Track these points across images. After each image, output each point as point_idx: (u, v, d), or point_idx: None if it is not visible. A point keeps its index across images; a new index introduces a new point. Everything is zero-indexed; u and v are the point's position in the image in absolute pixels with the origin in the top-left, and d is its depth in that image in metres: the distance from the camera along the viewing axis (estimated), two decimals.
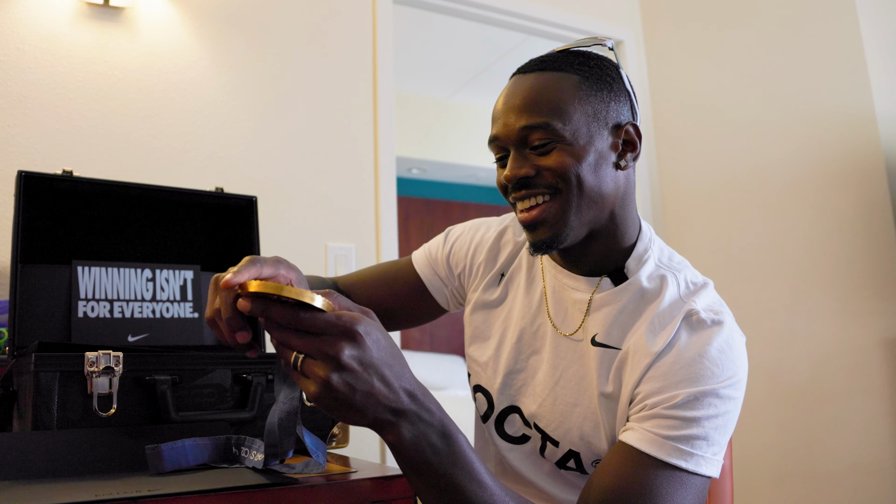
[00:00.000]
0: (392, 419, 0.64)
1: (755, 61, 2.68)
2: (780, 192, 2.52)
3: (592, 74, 0.89)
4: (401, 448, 0.65)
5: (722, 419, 0.81)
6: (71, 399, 0.83)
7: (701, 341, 0.84)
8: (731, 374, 0.83)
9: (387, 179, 2.44)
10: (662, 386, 0.82)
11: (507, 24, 2.81)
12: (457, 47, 4.32)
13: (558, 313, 0.97)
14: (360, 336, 0.62)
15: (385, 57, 2.50)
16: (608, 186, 0.89)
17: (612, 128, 0.89)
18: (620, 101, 0.91)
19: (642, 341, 0.86)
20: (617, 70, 0.92)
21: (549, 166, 0.86)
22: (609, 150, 0.89)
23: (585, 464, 0.94)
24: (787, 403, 2.43)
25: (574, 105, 0.87)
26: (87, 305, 1.14)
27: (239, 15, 2.26)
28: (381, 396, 0.62)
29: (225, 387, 0.94)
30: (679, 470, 0.78)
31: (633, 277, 0.92)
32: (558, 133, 0.85)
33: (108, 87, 2.05)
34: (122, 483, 0.69)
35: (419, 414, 0.65)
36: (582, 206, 0.87)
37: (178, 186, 1.32)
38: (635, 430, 0.81)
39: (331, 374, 0.60)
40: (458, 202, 6.15)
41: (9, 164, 1.87)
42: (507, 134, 0.88)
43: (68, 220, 1.21)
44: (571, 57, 0.91)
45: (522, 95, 0.88)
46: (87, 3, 2.03)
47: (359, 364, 0.61)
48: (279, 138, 2.27)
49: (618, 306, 0.91)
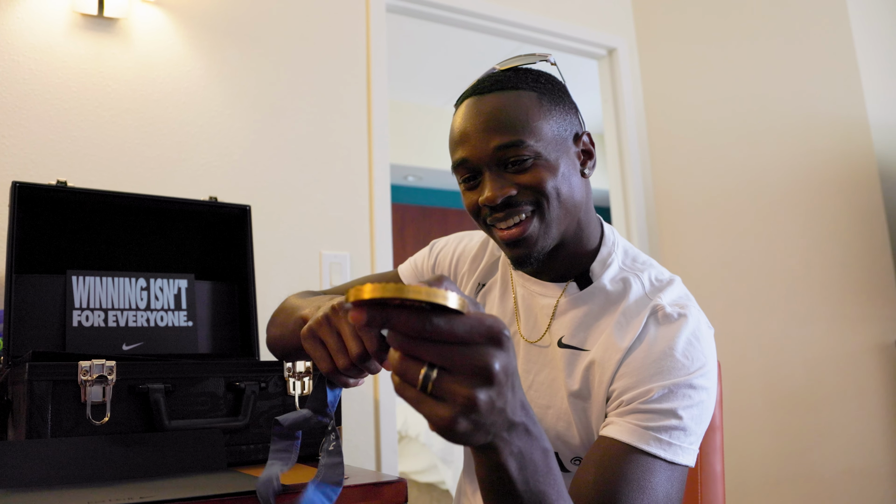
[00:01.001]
0: (505, 435, 0.54)
1: (748, 69, 2.70)
2: (774, 199, 2.54)
3: (547, 90, 0.92)
4: (502, 468, 0.56)
5: (697, 409, 0.84)
6: (65, 408, 0.84)
7: (669, 334, 0.87)
8: (700, 364, 0.85)
9: (381, 187, 2.45)
10: (636, 381, 0.85)
11: (501, 32, 2.83)
12: (451, 55, 4.35)
13: (528, 321, 1.01)
14: (506, 340, 0.50)
15: (379, 65, 2.51)
16: (579, 195, 0.92)
17: (573, 138, 0.93)
18: (573, 113, 0.95)
19: (611, 339, 0.89)
20: (563, 83, 0.97)
21: (528, 183, 0.88)
22: (575, 160, 0.93)
23: (565, 462, 0.96)
24: (781, 409, 2.44)
25: (540, 121, 0.89)
26: (82, 315, 1.15)
27: (233, 25, 2.27)
28: (510, 411, 0.52)
29: (218, 395, 0.95)
30: (658, 459, 0.80)
31: (597, 281, 0.95)
32: (533, 149, 0.87)
33: (102, 98, 2.06)
34: (114, 490, 0.70)
35: (528, 427, 0.56)
36: (562, 217, 0.90)
37: (172, 196, 1.33)
38: (616, 424, 0.84)
39: (478, 390, 0.49)
40: (453, 209, 6.17)
41: (3, 174, 1.88)
42: (479, 155, 0.89)
43: (63, 230, 1.22)
44: (523, 74, 0.93)
45: (487, 116, 0.89)
46: (82, 14, 2.04)
47: (505, 375, 0.50)
48: (273, 147, 2.28)
49: (583, 309, 0.94)
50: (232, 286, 1.31)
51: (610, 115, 3.09)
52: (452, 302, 0.47)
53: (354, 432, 2.16)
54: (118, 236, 1.26)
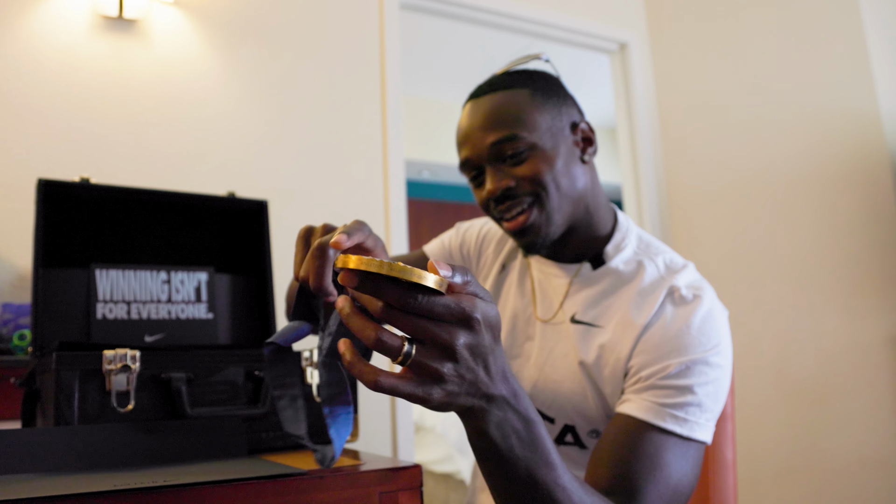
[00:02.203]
0: (484, 405, 0.60)
1: (760, 61, 2.69)
2: (786, 190, 2.54)
3: (540, 86, 0.98)
4: (484, 434, 0.62)
5: (713, 386, 0.87)
6: (90, 396, 0.86)
7: (685, 314, 0.90)
8: (716, 342, 0.89)
9: (396, 182, 2.47)
10: (654, 358, 0.88)
11: (514, 27, 2.84)
12: (465, 51, 4.36)
13: (543, 301, 1.05)
14: (476, 323, 0.56)
15: (393, 62, 2.53)
16: (580, 182, 0.98)
17: (570, 127, 0.98)
18: (568, 104, 1.00)
19: (627, 317, 0.93)
20: (557, 79, 1.02)
21: (525, 175, 0.94)
22: (573, 148, 0.98)
23: (582, 435, 0.99)
24: (793, 400, 2.44)
25: (533, 114, 0.95)
26: (106, 307, 1.18)
27: (249, 24, 2.30)
28: (482, 384, 0.58)
29: (238, 384, 0.97)
30: (674, 435, 0.83)
31: (610, 262, 0.99)
32: (527, 141, 0.93)
33: (123, 97, 2.10)
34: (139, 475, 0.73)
35: (508, 399, 0.61)
36: (562, 205, 0.95)
37: (191, 191, 1.36)
38: (633, 401, 0.87)
39: (444, 364, 0.55)
40: (468, 204, 6.18)
41: (29, 171, 1.92)
42: (478, 153, 0.96)
43: (87, 226, 1.25)
44: (515, 75, 0.99)
45: (483, 115, 0.96)
46: (102, 16, 2.08)
47: (470, 353, 0.56)
48: (289, 143, 2.31)
49: (596, 288, 0.99)
50: (250, 279, 1.33)
51: (622, 110, 3.09)
52: (430, 281, 0.53)
53: (371, 421, 2.19)
54: (140, 231, 1.29)
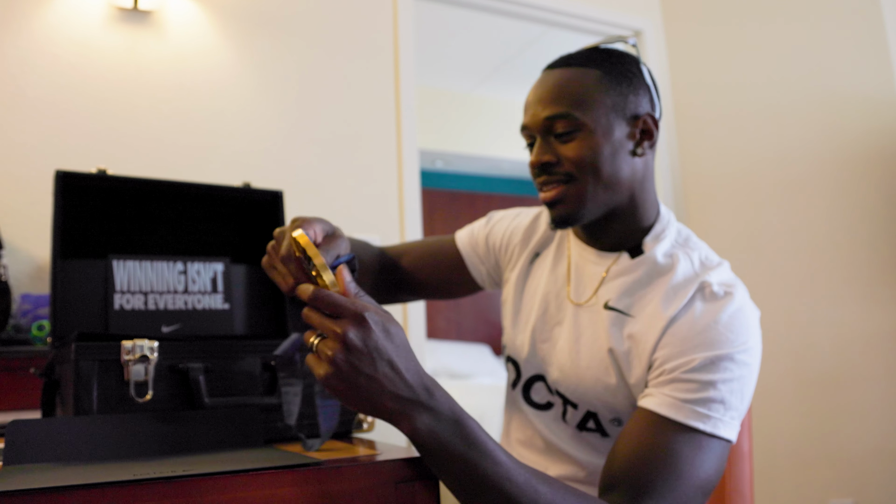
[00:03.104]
0: (400, 408, 0.67)
1: (775, 47, 2.66)
2: (802, 177, 2.51)
3: (614, 69, 0.97)
4: (416, 437, 0.69)
5: (738, 384, 0.86)
6: (109, 386, 0.87)
7: (715, 309, 0.90)
8: (744, 339, 0.88)
9: (410, 172, 2.47)
10: (679, 351, 0.87)
11: (528, 16, 2.83)
12: (478, 40, 4.34)
13: (578, 285, 1.05)
14: (366, 321, 0.64)
15: (407, 52, 2.53)
16: (624, 172, 0.97)
17: (630, 118, 0.97)
18: (640, 93, 0.98)
19: (657, 309, 0.92)
20: (638, 65, 1.00)
21: (567, 154, 0.95)
22: (626, 140, 0.97)
23: (604, 422, 1.00)
24: (809, 389, 2.43)
25: (595, 97, 0.95)
26: (123, 298, 1.19)
27: (263, 14, 2.30)
28: (387, 382, 0.65)
29: (254, 374, 0.98)
30: (697, 432, 0.82)
31: (648, 252, 0.99)
32: (579, 122, 0.94)
33: (138, 88, 2.11)
34: (158, 464, 0.74)
35: (428, 404, 0.68)
36: (598, 190, 0.95)
37: (207, 182, 1.36)
38: (655, 396, 0.86)
39: (336, 352, 0.64)
40: (482, 193, 6.17)
41: (46, 163, 1.94)
42: (534, 123, 0.98)
43: (104, 217, 1.26)
44: (595, 54, 0.98)
45: (548, 88, 0.97)
46: (118, 8, 2.09)
47: (363, 345, 0.64)
48: (304, 134, 2.31)
49: (632, 277, 0.98)
50: None
51: None
52: (327, 278, 0.66)
53: None
54: (156, 222, 1.30)
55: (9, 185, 1.92)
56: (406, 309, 2.43)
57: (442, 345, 5.47)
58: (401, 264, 1.26)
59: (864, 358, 2.28)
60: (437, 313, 5.74)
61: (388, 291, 1.26)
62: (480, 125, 5.39)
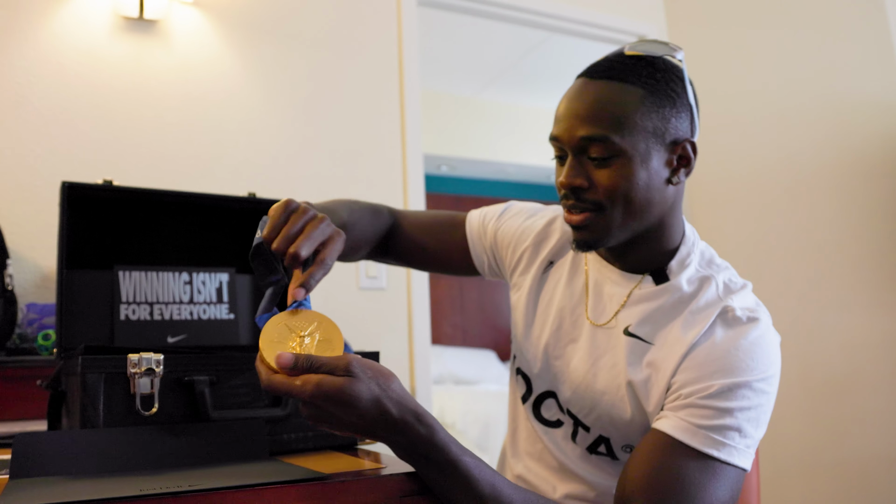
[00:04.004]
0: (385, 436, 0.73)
1: (780, 52, 2.66)
2: (808, 181, 2.50)
3: (658, 88, 0.89)
4: (402, 457, 0.77)
5: (755, 412, 0.84)
6: (116, 398, 0.88)
7: (736, 335, 0.87)
8: (764, 368, 0.86)
9: (415, 177, 2.48)
10: (697, 376, 0.85)
11: (530, 22, 2.83)
12: (482, 45, 4.34)
13: (597, 305, 1.01)
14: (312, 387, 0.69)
15: (410, 58, 2.53)
16: (655, 200, 0.91)
17: (670, 144, 0.91)
18: (682, 116, 0.91)
19: (677, 333, 0.90)
20: (683, 84, 0.91)
21: (602, 182, 0.88)
22: (663, 167, 0.91)
23: (615, 448, 0.98)
24: (817, 395, 2.42)
25: (635, 120, 0.87)
26: (129, 308, 1.20)
27: (267, 23, 2.31)
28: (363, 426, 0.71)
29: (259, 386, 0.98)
30: (711, 459, 0.81)
31: (674, 279, 0.95)
32: (616, 147, 0.87)
33: (144, 97, 2.11)
34: (163, 478, 0.74)
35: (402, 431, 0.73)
36: (626, 219, 0.90)
37: (212, 193, 1.37)
38: (669, 419, 0.84)
39: (301, 407, 0.72)
40: (487, 198, 6.17)
41: (52, 172, 1.94)
42: (567, 140, 0.90)
43: (110, 227, 1.26)
44: (640, 67, 0.90)
45: (586, 103, 0.89)
46: (123, 17, 2.10)
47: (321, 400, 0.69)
48: (309, 141, 2.31)
49: (655, 304, 0.94)
50: None
51: None
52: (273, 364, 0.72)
53: None
54: (162, 232, 1.31)
55: (15, 194, 1.93)
56: (411, 314, 2.43)
57: (447, 350, 5.47)
58: (405, 232, 1.21)
59: (872, 364, 2.27)
60: (443, 319, 5.74)
61: (383, 255, 1.22)
62: (485, 129, 5.39)
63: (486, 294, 6.01)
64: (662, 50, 0.91)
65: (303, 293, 0.77)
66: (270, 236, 0.79)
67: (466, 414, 4.34)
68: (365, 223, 1.13)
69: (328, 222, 0.81)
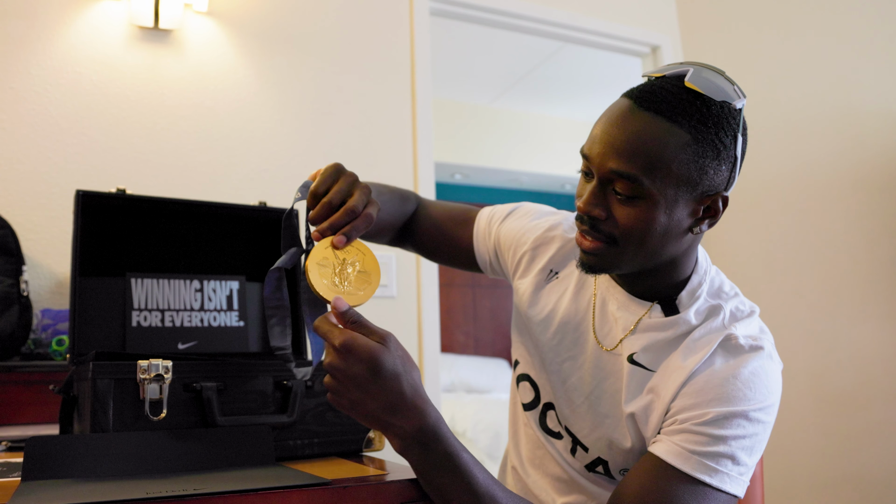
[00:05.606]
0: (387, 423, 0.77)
1: (793, 62, 2.65)
2: (820, 193, 2.49)
3: (706, 137, 0.82)
4: (400, 452, 0.79)
5: (749, 441, 0.83)
6: (125, 404, 0.89)
7: (736, 364, 0.86)
8: (762, 398, 0.85)
9: (426, 185, 2.49)
10: (694, 403, 0.85)
11: (543, 32, 2.84)
12: (496, 54, 4.36)
13: (603, 326, 0.99)
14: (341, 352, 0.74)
15: (423, 69, 2.55)
16: (670, 245, 0.88)
17: (700, 195, 0.85)
18: (721, 169, 0.85)
19: (678, 361, 0.89)
20: (735, 135, 0.85)
21: (620, 219, 0.85)
22: (687, 217, 0.87)
23: (613, 471, 0.98)
24: (829, 409, 2.40)
25: (671, 166, 0.82)
26: (141, 315, 1.21)
27: (281, 33, 2.34)
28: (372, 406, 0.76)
29: (267, 393, 0.99)
30: (703, 484, 0.80)
31: (683, 313, 0.92)
32: (645, 190, 0.82)
33: (158, 106, 2.14)
34: (171, 482, 0.75)
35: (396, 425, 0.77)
36: (637, 257, 0.88)
37: (223, 201, 1.39)
38: (664, 443, 0.84)
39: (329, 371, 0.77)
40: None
41: (68, 181, 1.98)
42: (597, 166, 0.86)
43: (122, 235, 1.28)
44: (693, 108, 0.82)
45: (625, 135, 0.83)
46: (138, 27, 2.13)
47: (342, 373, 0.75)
48: (320, 151, 2.33)
49: (662, 335, 0.93)
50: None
51: None
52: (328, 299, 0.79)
53: None
54: (174, 240, 1.32)
55: (31, 201, 1.96)
56: (420, 323, 2.44)
57: (459, 359, 5.47)
58: (421, 222, 1.22)
59: (885, 377, 2.25)
60: (455, 327, 5.74)
61: (401, 241, 1.24)
62: (499, 138, 5.41)
63: (499, 303, 6.00)
64: (723, 94, 0.84)
65: (344, 241, 0.83)
66: (321, 189, 0.86)
67: (477, 423, 4.34)
68: (393, 207, 1.15)
69: (370, 190, 0.88)
